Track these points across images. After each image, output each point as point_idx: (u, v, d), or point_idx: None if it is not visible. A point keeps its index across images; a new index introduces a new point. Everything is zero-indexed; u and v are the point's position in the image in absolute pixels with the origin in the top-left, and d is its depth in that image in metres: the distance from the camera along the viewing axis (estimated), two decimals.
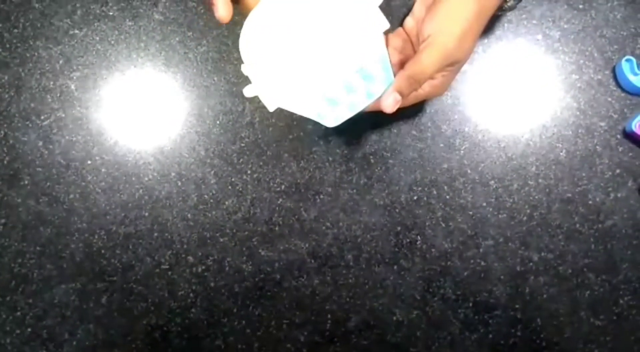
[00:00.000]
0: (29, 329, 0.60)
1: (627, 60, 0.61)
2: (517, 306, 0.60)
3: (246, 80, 0.63)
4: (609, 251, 0.61)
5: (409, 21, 0.56)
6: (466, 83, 0.63)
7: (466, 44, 0.50)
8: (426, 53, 0.49)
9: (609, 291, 0.60)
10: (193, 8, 0.64)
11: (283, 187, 0.62)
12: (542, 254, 0.60)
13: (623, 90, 0.62)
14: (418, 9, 0.55)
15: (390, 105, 0.49)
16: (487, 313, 0.60)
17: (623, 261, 0.60)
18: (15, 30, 0.63)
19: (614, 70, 0.63)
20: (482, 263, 0.60)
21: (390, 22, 0.64)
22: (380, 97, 0.50)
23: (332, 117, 0.51)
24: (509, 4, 0.55)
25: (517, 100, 0.63)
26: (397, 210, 0.61)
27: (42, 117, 0.62)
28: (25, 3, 0.64)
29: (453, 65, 0.51)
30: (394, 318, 0.60)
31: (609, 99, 0.62)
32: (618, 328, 0.60)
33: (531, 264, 0.60)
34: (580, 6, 0.64)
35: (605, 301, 0.60)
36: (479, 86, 0.63)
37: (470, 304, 0.60)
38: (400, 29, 0.57)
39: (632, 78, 0.61)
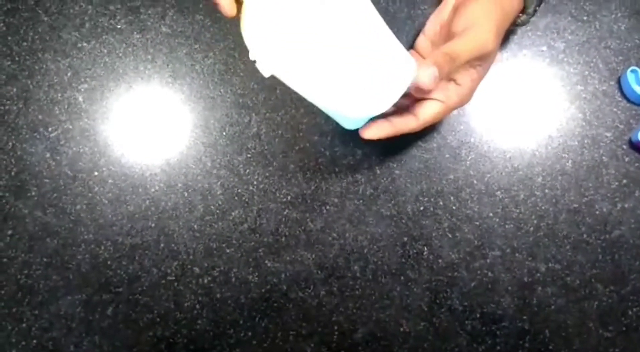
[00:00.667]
0: (35, 341, 0.59)
1: (632, 71, 0.61)
2: (524, 317, 0.60)
3: (252, 93, 0.63)
4: (616, 261, 0.60)
5: (421, 40, 0.56)
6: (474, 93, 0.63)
7: (496, 41, 0.50)
8: (462, 38, 0.49)
9: (617, 301, 0.60)
10: (200, 21, 0.64)
11: (289, 198, 0.62)
12: (550, 264, 0.60)
13: (628, 100, 0.63)
14: (430, 26, 0.55)
15: (429, 79, 0.46)
16: (495, 324, 0.60)
17: (631, 271, 0.60)
18: (24, 43, 0.64)
19: (619, 81, 0.63)
20: (489, 274, 0.60)
21: (395, 34, 0.64)
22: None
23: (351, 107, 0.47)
24: (521, 18, 0.56)
25: (522, 111, 0.63)
26: (403, 221, 0.61)
27: (50, 129, 0.63)
28: (34, 16, 0.65)
29: (482, 63, 0.51)
30: (401, 329, 0.60)
31: (615, 110, 0.63)
32: (627, 339, 0.59)
33: (538, 274, 0.60)
34: (585, 18, 0.64)
35: (614, 312, 0.60)
36: (485, 97, 0.63)
37: (478, 315, 0.60)
38: (412, 51, 0.57)
39: (637, 89, 0.61)
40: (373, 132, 0.52)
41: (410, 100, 0.52)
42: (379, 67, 0.47)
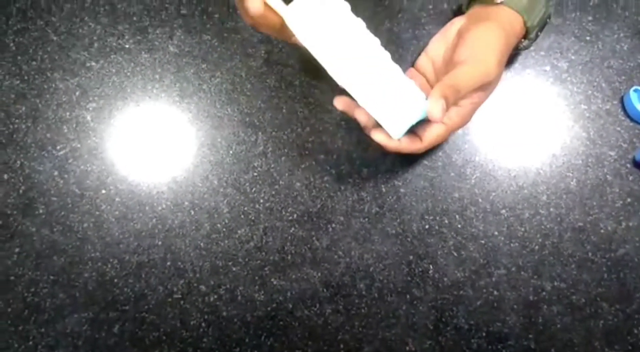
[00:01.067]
0: None
1: (635, 90, 0.62)
2: (530, 336, 0.60)
3: (258, 112, 0.64)
4: (622, 280, 0.60)
5: (423, 59, 0.57)
6: (476, 113, 0.64)
7: (500, 69, 0.51)
8: (467, 67, 0.50)
9: (622, 320, 0.60)
10: (207, 41, 0.65)
11: (295, 216, 0.62)
12: (555, 283, 0.60)
13: (631, 120, 0.63)
14: (434, 47, 0.56)
15: (438, 112, 0.47)
16: (501, 343, 0.60)
17: (636, 289, 0.60)
18: (34, 63, 0.65)
19: (622, 101, 0.63)
20: (495, 292, 0.60)
21: (400, 54, 0.65)
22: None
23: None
24: (524, 43, 0.57)
25: (526, 130, 0.64)
26: (409, 239, 0.61)
27: (58, 147, 0.63)
28: (43, 36, 0.65)
29: (485, 89, 0.52)
30: (407, 348, 0.60)
31: (618, 129, 0.63)
32: None
33: (544, 293, 0.60)
34: (587, 38, 0.65)
35: (620, 331, 0.60)
36: (489, 116, 0.64)
37: (484, 334, 0.60)
38: (412, 69, 0.58)
39: None
40: (380, 138, 0.52)
41: None
42: (399, 96, 0.52)
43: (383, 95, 0.51)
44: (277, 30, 0.49)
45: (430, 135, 0.52)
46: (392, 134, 0.52)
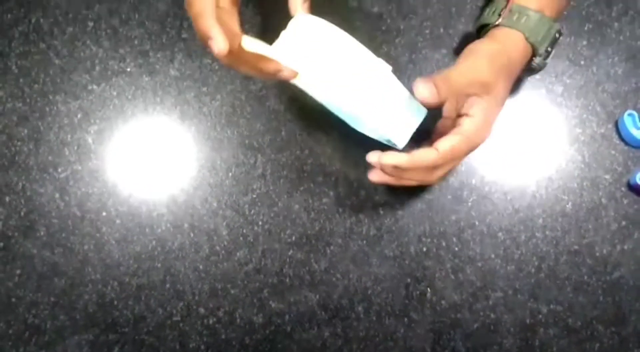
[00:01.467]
0: None
1: (629, 114, 0.63)
2: None
3: (258, 134, 0.65)
4: (617, 302, 0.61)
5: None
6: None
7: (495, 73, 0.52)
8: (458, 65, 0.52)
9: (618, 343, 0.60)
10: (207, 64, 0.66)
11: (294, 238, 0.63)
12: (551, 306, 0.61)
13: (626, 143, 0.64)
14: (447, 110, 0.53)
15: (425, 91, 0.48)
16: None
17: (632, 312, 0.61)
18: (36, 85, 0.66)
19: (616, 124, 0.64)
20: (492, 315, 0.61)
21: (398, 77, 0.66)
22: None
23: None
24: (536, 62, 0.56)
25: (522, 153, 0.64)
26: (406, 261, 0.62)
27: (59, 170, 0.64)
28: (45, 59, 0.66)
29: (486, 92, 0.51)
30: None
31: (613, 152, 0.64)
32: None
33: (540, 316, 0.61)
34: (582, 62, 0.66)
35: None
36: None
37: None
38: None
39: (634, 132, 0.62)
40: (391, 158, 0.50)
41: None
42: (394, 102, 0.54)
43: (383, 107, 0.52)
44: (256, 68, 0.49)
45: (445, 144, 0.50)
46: (397, 143, 0.53)
